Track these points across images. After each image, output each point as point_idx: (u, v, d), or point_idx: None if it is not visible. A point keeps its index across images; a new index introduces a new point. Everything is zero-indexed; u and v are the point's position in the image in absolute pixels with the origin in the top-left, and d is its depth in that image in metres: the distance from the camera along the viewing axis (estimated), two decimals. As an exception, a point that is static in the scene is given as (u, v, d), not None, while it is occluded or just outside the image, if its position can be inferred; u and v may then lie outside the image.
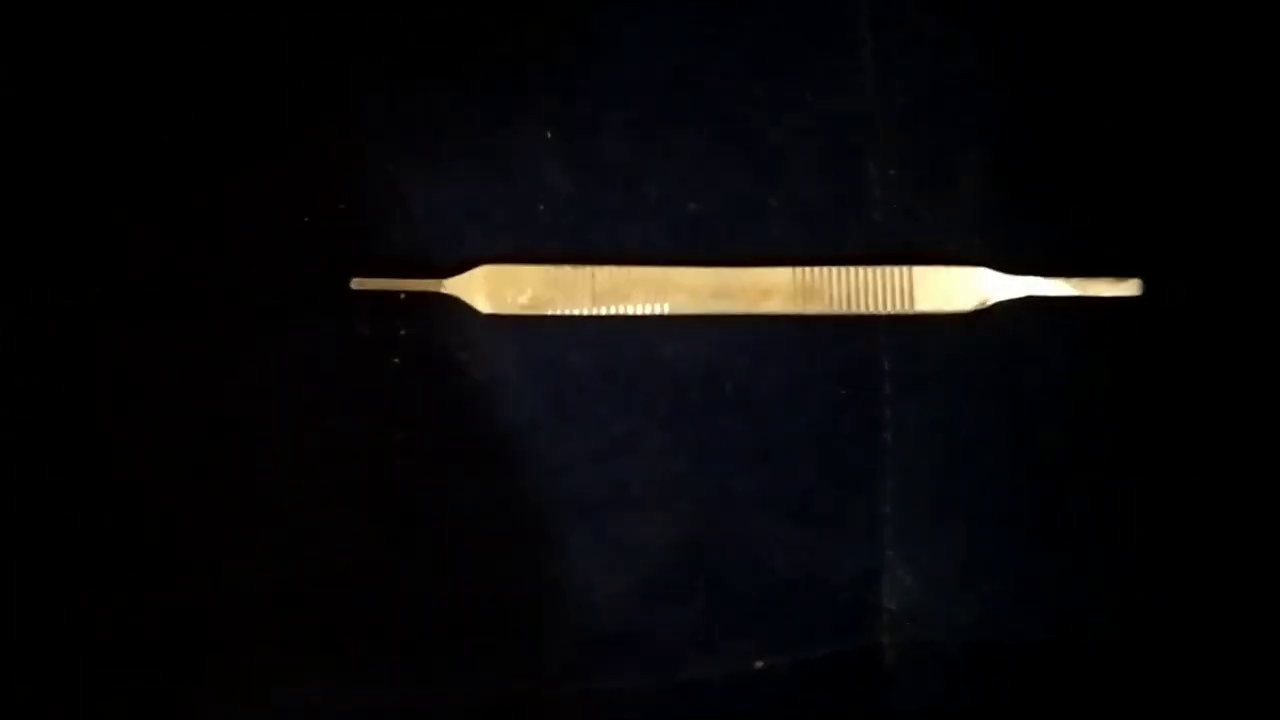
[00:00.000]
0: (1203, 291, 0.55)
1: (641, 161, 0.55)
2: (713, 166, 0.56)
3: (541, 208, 0.55)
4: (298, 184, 0.55)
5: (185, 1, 0.55)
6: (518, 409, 0.54)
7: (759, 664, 0.53)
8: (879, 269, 0.54)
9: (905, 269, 0.54)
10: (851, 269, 0.53)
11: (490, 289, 0.53)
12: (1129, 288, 0.54)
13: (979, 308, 0.54)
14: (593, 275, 0.53)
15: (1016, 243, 0.55)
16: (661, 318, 0.54)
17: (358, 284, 0.53)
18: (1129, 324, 0.54)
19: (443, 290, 0.54)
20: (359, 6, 0.55)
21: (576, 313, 0.53)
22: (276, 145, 0.55)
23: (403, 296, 0.54)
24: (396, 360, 0.54)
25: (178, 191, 0.54)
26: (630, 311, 0.54)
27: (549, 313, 0.53)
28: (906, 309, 0.53)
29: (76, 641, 0.52)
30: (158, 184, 0.54)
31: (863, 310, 0.54)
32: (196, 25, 0.55)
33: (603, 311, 0.53)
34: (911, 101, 0.56)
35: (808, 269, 0.54)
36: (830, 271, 0.54)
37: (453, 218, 0.55)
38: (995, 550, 0.54)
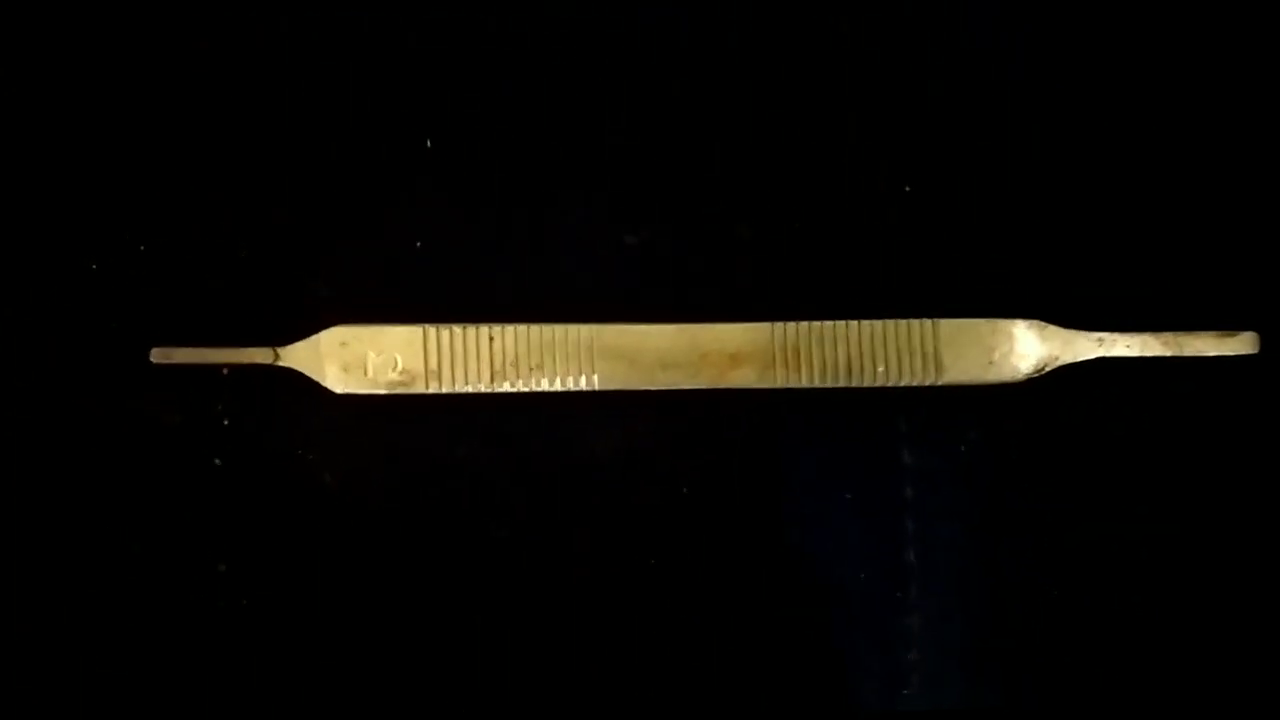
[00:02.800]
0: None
1: (557, 177, 0.51)
2: (658, 181, 0.51)
3: (418, 243, 0.50)
4: (79, 219, 0.49)
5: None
6: (384, 526, 0.49)
7: None
8: (891, 323, 0.49)
9: (928, 323, 0.49)
10: (853, 324, 0.49)
11: (345, 360, 0.48)
12: (1242, 344, 0.49)
13: (1033, 375, 0.49)
14: (490, 338, 0.49)
15: (1084, 285, 0.50)
16: (588, 396, 0.49)
17: (160, 355, 0.48)
18: (1243, 395, 0.50)
19: (279, 363, 0.48)
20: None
21: (467, 390, 0.49)
22: (51, 167, 0.49)
23: (225, 372, 0.49)
24: (218, 461, 0.49)
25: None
26: (544, 388, 0.49)
27: (428, 391, 0.49)
28: (931, 378, 0.49)
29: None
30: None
31: (871, 382, 0.49)
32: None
33: (505, 389, 0.49)
34: (935, 75, 0.51)
35: (792, 325, 0.49)
36: (823, 328, 0.49)
37: (292, 260, 0.50)
38: (1061, 710, 0.50)
